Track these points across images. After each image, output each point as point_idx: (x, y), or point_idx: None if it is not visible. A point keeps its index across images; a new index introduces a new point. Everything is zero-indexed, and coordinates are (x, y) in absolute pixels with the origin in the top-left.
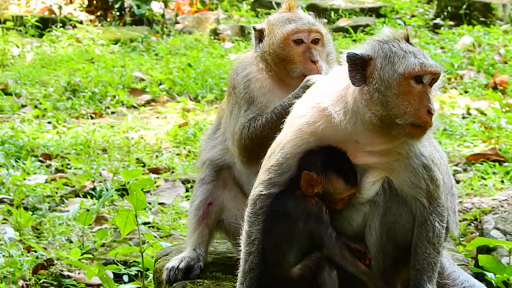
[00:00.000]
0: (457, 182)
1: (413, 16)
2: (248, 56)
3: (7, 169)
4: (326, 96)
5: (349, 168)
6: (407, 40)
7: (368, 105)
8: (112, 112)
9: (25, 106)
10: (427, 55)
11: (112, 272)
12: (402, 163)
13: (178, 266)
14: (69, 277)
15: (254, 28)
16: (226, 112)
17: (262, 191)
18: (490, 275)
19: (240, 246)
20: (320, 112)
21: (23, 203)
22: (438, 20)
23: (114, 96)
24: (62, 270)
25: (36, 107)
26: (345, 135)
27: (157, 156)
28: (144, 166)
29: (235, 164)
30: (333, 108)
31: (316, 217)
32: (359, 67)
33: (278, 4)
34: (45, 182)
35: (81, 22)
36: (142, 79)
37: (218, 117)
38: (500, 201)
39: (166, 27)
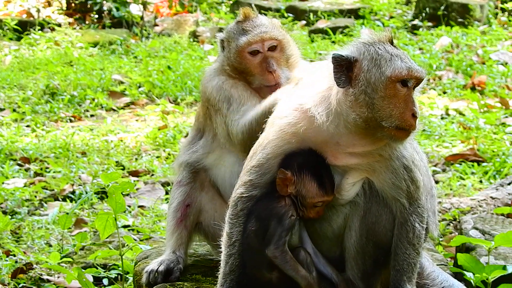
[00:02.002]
0: (436, 182)
1: (391, 17)
2: (213, 68)
3: None
4: (309, 97)
5: (325, 174)
6: (391, 43)
7: (353, 106)
8: (91, 115)
9: (3, 109)
10: (411, 59)
11: (92, 276)
12: (383, 164)
13: (157, 269)
14: (48, 281)
15: (217, 38)
16: (208, 124)
17: (243, 193)
18: (469, 274)
19: (220, 248)
20: (303, 113)
21: (1, 207)
22: (416, 21)
23: (93, 99)
24: (41, 274)
25: (14, 110)
26: (327, 136)
27: (136, 159)
28: (123, 169)
29: (212, 167)
30: (315, 109)
31: (278, 218)
32: (344, 68)
33: (258, 6)
34: (24, 186)
35: (59, 25)
36: (121, 82)
37: (196, 126)
38: (478, 201)
39: (145, 30)
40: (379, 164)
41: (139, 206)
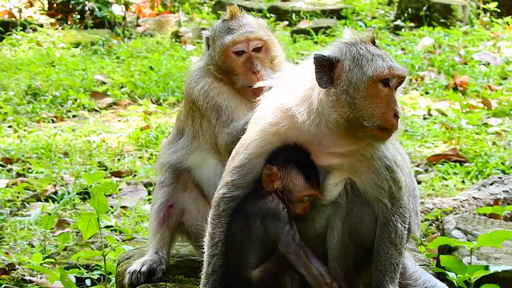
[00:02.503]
0: (419, 182)
1: (373, 17)
2: (198, 68)
3: None
4: (290, 96)
5: (311, 167)
6: (373, 43)
7: (335, 106)
8: (74, 116)
9: None
10: (393, 58)
11: (74, 276)
12: (365, 164)
13: (140, 270)
14: (31, 281)
15: (203, 35)
16: (188, 125)
17: (225, 193)
18: (451, 275)
19: (202, 248)
20: (284, 113)
21: None
22: (398, 22)
23: (76, 100)
24: (24, 275)
25: None
26: (309, 136)
27: (119, 160)
28: (106, 170)
29: (196, 168)
30: (297, 109)
31: (273, 214)
32: (326, 68)
33: (240, 7)
34: (6, 187)
35: (41, 26)
36: (104, 82)
37: (177, 125)
38: (461, 201)
39: (127, 30)
40: (361, 164)
41: (122, 207)
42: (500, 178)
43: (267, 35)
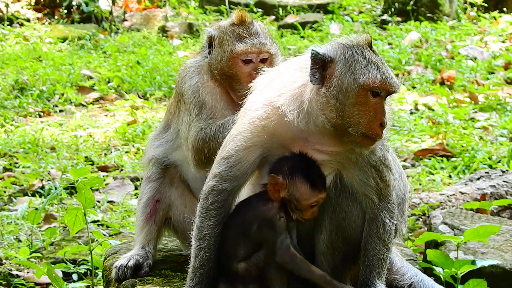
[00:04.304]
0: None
1: (360, 12)
2: (195, 64)
3: None
4: (282, 93)
5: (317, 174)
6: (370, 47)
7: (323, 109)
8: (61, 110)
9: None
10: (388, 68)
11: (61, 271)
12: (350, 162)
13: (127, 264)
14: (18, 276)
15: (206, 32)
16: (175, 117)
17: (213, 186)
18: (438, 269)
19: (189, 242)
20: (274, 109)
21: None
22: (385, 16)
23: (62, 94)
24: (10, 270)
25: None
26: (297, 132)
27: (105, 154)
28: (92, 164)
29: (182, 163)
30: (287, 108)
31: (268, 224)
32: (320, 66)
33: (227, 1)
34: None
35: (28, 20)
36: (90, 77)
37: (166, 118)
38: (448, 196)
39: (114, 25)
40: (347, 162)
41: (108, 201)
42: (487, 172)
43: (275, 49)
